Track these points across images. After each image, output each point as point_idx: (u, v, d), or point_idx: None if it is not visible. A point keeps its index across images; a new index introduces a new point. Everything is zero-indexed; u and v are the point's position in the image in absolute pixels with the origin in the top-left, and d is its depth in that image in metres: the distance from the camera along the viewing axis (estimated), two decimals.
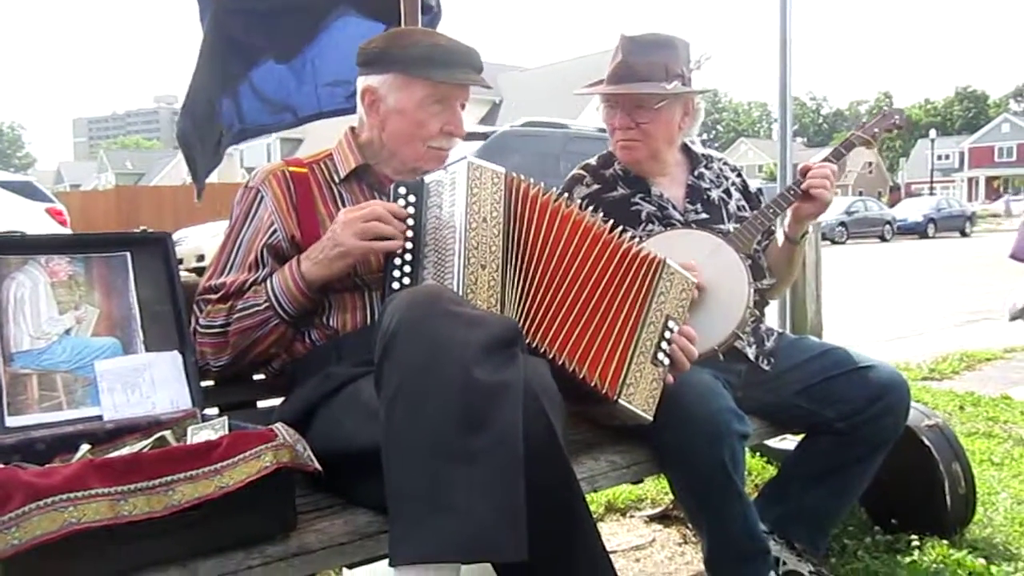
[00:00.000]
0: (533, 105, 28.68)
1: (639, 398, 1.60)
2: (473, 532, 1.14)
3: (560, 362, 1.51)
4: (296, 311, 1.63)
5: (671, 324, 1.66)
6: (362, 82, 1.75)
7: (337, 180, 1.74)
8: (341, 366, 1.59)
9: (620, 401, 1.57)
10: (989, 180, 63.26)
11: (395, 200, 1.57)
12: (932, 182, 52.65)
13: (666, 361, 1.64)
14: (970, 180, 63.70)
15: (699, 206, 2.15)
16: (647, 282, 1.64)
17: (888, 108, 2.28)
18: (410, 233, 1.55)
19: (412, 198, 1.57)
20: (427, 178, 1.59)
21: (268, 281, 1.63)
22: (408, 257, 1.54)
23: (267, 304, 1.61)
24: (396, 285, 1.52)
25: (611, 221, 1.67)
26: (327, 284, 1.62)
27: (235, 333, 1.63)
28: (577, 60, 30.92)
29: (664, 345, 1.64)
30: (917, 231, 26.06)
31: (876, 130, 2.19)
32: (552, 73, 31.06)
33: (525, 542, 1.16)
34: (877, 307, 8.56)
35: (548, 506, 1.25)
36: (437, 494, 1.16)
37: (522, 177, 1.58)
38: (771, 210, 2.09)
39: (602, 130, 2.30)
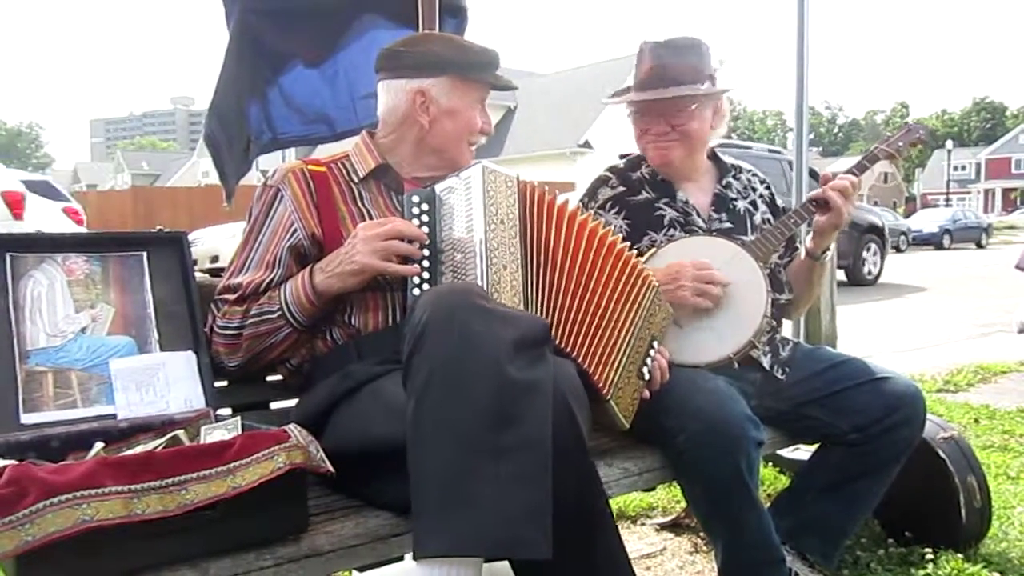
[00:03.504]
0: (548, 112, 28.68)
1: (623, 403, 1.66)
2: (499, 528, 1.14)
3: (577, 359, 1.55)
4: (308, 321, 1.63)
5: (655, 344, 1.74)
6: (408, 84, 1.71)
7: (356, 180, 1.75)
8: (361, 365, 1.59)
9: (609, 401, 1.62)
10: (1006, 192, 62.85)
11: (409, 208, 1.59)
12: (948, 193, 52.40)
13: (647, 376, 1.72)
14: (986, 191, 63.31)
15: (724, 215, 2.13)
16: (646, 299, 1.72)
17: (912, 123, 2.26)
18: (426, 240, 1.56)
19: (426, 206, 1.59)
20: (438, 186, 1.61)
21: (281, 289, 1.63)
22: (426, 264, 1.56)
23: (279, 312, 1.61)
24: (416, 292, 1.54)
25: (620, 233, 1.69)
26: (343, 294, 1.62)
27: (248, 337, 1.63)
28: (593, 66, 30.83)
29: (648, 361, 1.72)
30: (932, 242, 25.80)
31: (900, 144, 2.18)
32: (567, 79, 30.99)
33: (550, 540, 1.16)
34: (891, 318, 8.50)
35: (571, 506, 1.26)
36: (464, 488, 1.16)
37: (533, 182, 1.61)
38: (792, 220, 2.07)
39: (774, 150, 2.33)
